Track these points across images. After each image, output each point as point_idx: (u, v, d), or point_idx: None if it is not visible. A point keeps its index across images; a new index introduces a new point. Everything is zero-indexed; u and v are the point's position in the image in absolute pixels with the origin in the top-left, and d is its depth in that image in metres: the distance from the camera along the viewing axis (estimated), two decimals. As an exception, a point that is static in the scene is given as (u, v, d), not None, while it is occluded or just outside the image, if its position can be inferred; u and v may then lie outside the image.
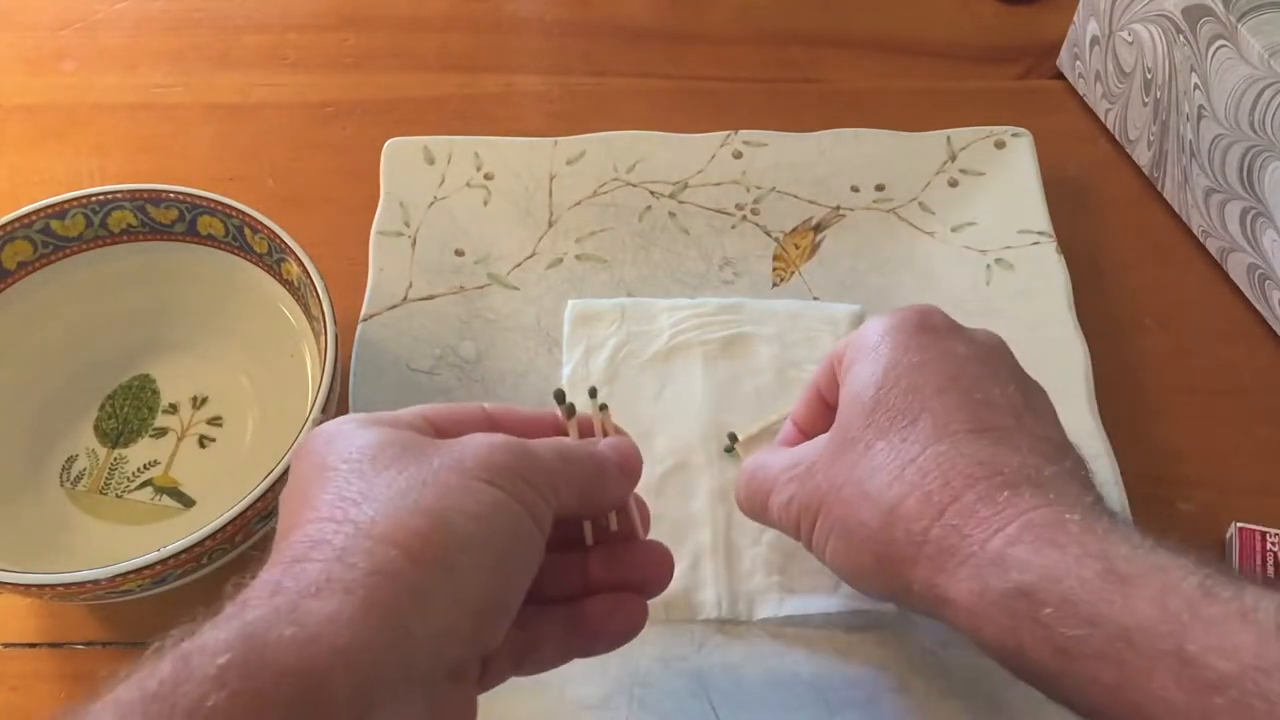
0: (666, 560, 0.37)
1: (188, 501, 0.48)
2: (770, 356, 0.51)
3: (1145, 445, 0.50)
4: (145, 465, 0.49)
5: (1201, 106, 0.54)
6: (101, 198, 0.49)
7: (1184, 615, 0.28)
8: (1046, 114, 0.62)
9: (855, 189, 0.57)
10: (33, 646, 0.45)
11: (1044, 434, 0.36)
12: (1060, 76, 0.65)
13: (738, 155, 0.57)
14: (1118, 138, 0.62)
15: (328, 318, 0.45)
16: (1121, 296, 0.56)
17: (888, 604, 0.44)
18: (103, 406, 0.50)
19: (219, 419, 0.50)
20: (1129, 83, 0.59)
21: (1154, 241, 0.58)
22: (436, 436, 0.33)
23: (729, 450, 0.48)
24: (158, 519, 0.47)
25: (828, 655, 0.44)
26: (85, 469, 0.48)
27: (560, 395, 0.37)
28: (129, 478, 0.48)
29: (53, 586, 0.39)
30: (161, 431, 0.50)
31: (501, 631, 0.30)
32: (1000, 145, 0.57)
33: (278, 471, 0.41)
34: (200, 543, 0.40)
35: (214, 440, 0.49)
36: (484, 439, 0.32)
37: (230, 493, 0.42)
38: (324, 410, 0.43)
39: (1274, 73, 0.48)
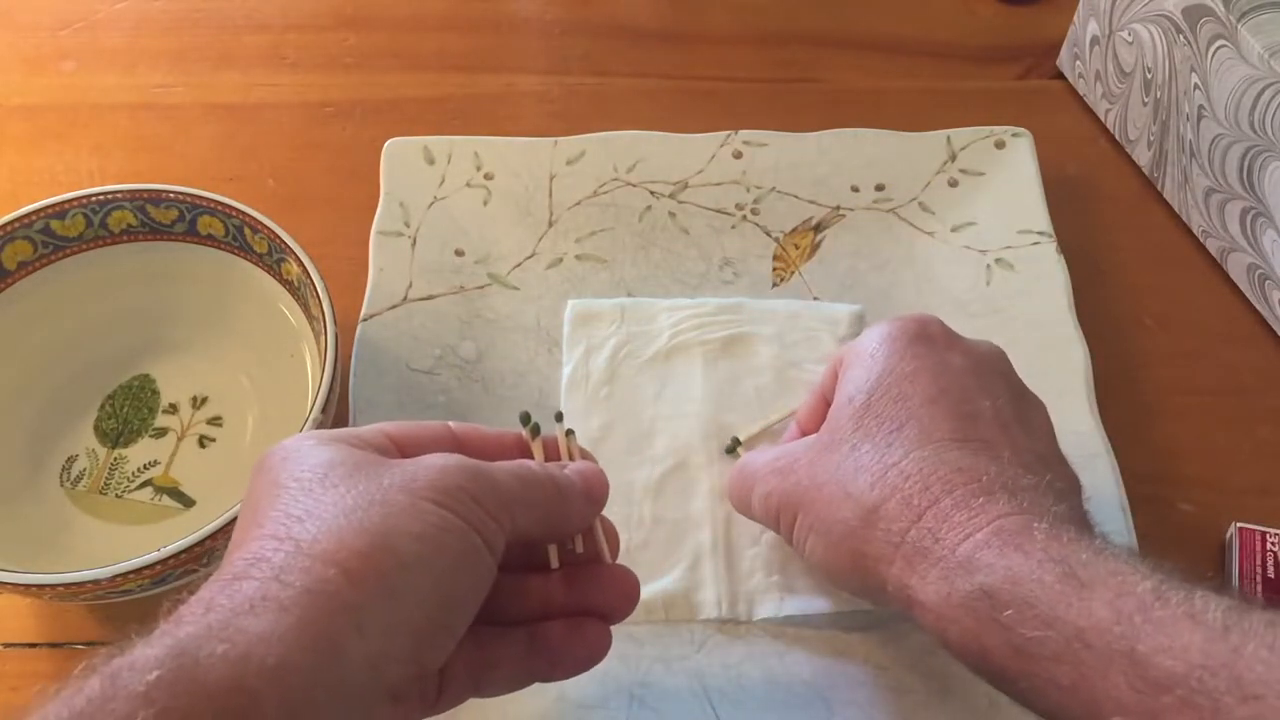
0: (632, 587, 0.36)
1: (188, 501, 0.48)
2: (770, 356, 0.51)
3: (1145, 445, 0.50)
4: (145, 465, 0.49)
5: (1201, 106, 0.54)
6: (101, 198, 0.49)
7: (1136, 617, 0.29)
8: (1046, 114, 0.62)
9: (855, 189, 0.57)
10: (33, 646, 0.45)
11: (1028, 446, 0.37)
12: (1060, 76, 0.65)
13: (738, 155, 0.57)
14: (1118, 138, 0.62)
15: (328, 318, 0.45)
16: (1121, 296, 0.56)
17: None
18: (103, 406, 0.50)
19: (219, 419, 0.50)
20: (1129, 83, 0.59)
21: (1154, 241, 0.58)
22: (399, 454, 0.33)
23: (730, 451, 0.48)
24: (158, 519, 0.47)
25: (828, 655, 0.44)
26: (85, 469, 0.48)
27: (525, 417, 0.37)
28: (129, 478, 0.48)
29: (53, 586, 0.39)
30: (161, 431, 0.50)
31: (444, 653, 0.30)
32: (1000, 145, 0.57)
33: (278, 471, 0.41)
34: (200, 543, 0.40)
35: (214, 440, 0.49)
36: (438, 459, 0.31)
37: (230, 493, 0.42)
38: (324, 410, 0.43)
39: (1274, 73, 0.48)
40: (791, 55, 0.67)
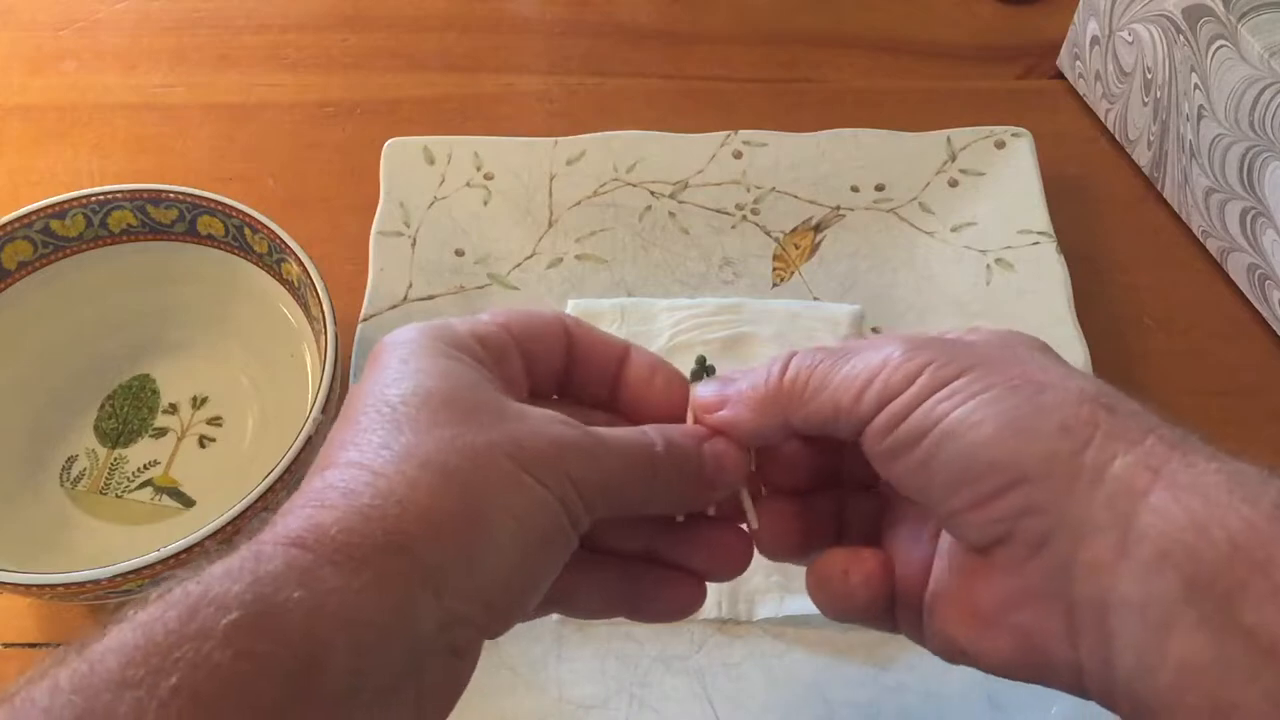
0: (741, 554, 0.34)
1: (188, 501, 0.48)
2: (770, 357, 0.51)
3: (1145, 445, 0.50)
4: (145, 465, 0.49)
5: (1201, 106, 0.53)
6: (101, 198, 0.49)
7: None
8: (1046, 114, 0.62)
9: (855, 189, 0.57)
10: (33, 646, 0.45)
11: None
12: (1060, 76, 0.65)
13: (738, 155, 0.57)
14: (1118, 138, 0.62)
15: (328, 318, 0.45)
16: (1121, 296, 0.56)
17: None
18: (103, 406, 0.50)
19: (219, 419, 0.50)
20: (1129, 83, 0.59)
21: (1154, 241, 0.58)
22: (515, 346, 0.32)
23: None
24: (158, 519, 0.47)
25: (828, 655, 0.44)
26: (85, 469, 0.48)
27: (701, 361, 0.35)
28: (129, 478, 0.48)
29: (53, 586, 0.39)
30: (161, 431, 0.50)
31: (512, 624, 0.29)
32: (1000, 145, 0.57)
33: (278, 471, 0.41)
34: (200, 543, 0.40)
35: (214, 440, 0.49)
36: (552, 427, 0.30)
37: (230, 493, 0.42)
38: (324, 410, 0.43)
39: (1274, 73, 0.48)
40: (791, 55, 0.67)
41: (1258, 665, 0.24)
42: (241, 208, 0.49)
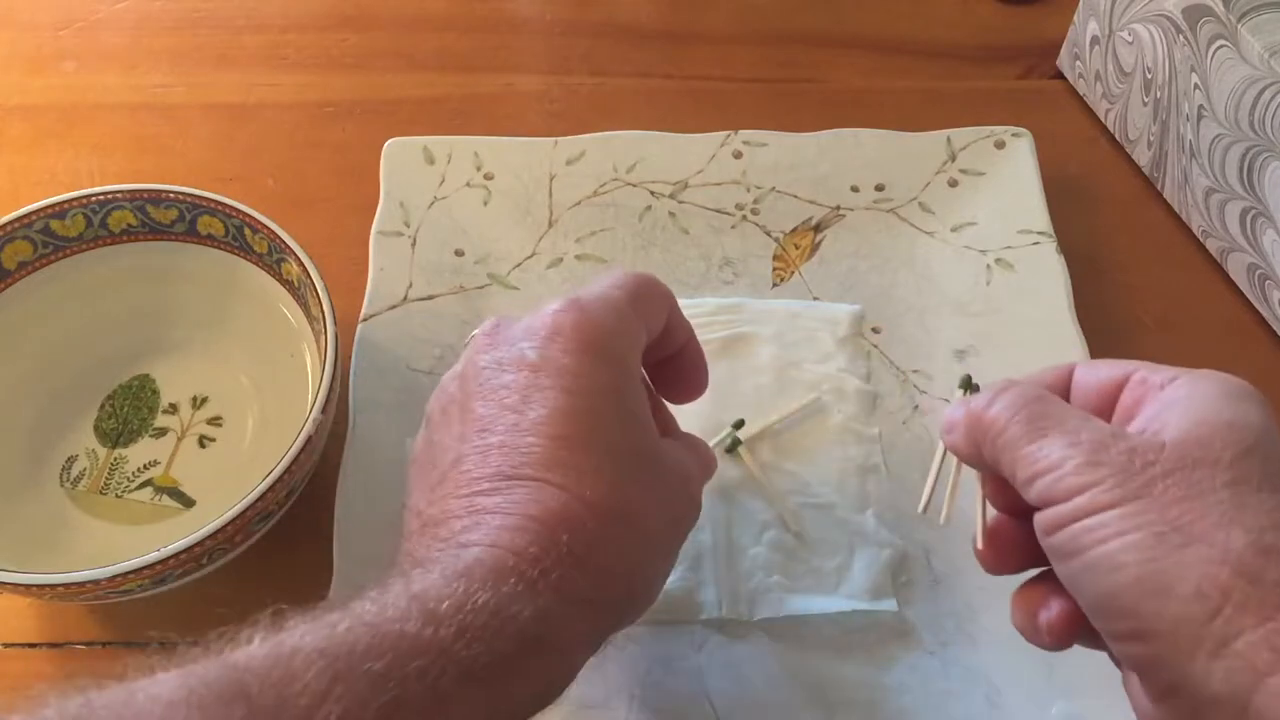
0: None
1: (188, 501, 0.48)
2: (770, 356, 0.51)
3: (1145, 445, 0.50)
4: (145, 465, 0.49)
5: (1201, 106, 0.54)
6: (101, 198, 0.49)
7: None
8: (1046, 114, 0.62)
9: (855, 189, 0.57)
10: (33, 646, 0.45)
11: None
12: (1060, 76, 0.65)
13: (738, 155, 0.57)
14: (1118, 138, 0.62)
15: (328, 318, 0.45)
16: (1121, 296, 0.56)
17: (888, 604, 0.44)
18: (103, 406, 0.50)
19: (219, 419, 0.50)
20: (1129, 83, 0.59)
21: (1154, 241, 0.58)
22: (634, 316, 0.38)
23: (730, 451, 0.48)
24: (158, 519, 0.47)
25: (828, 655, 0.44)
26: (85, 469, 0.48)
27: (966, 380, 0.40)
28: (129, 478, 0.48)
29: (53, 586, 0.39)
30: (161, 431, 0.50)
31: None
32: (1000, 145, 0.57)
33: (278, 471, 0.41)
34: (200, 543, 0.40)
35: (214, 440, 0.49)
36: (694, 453, 0.40)
37: (230, 493, 0.42)
38: (324, 410, 0.43)
39: (1274, 73, 0.48)
40: (791, 55, 0.67)
41: None
42: (241, 208, 0.49)
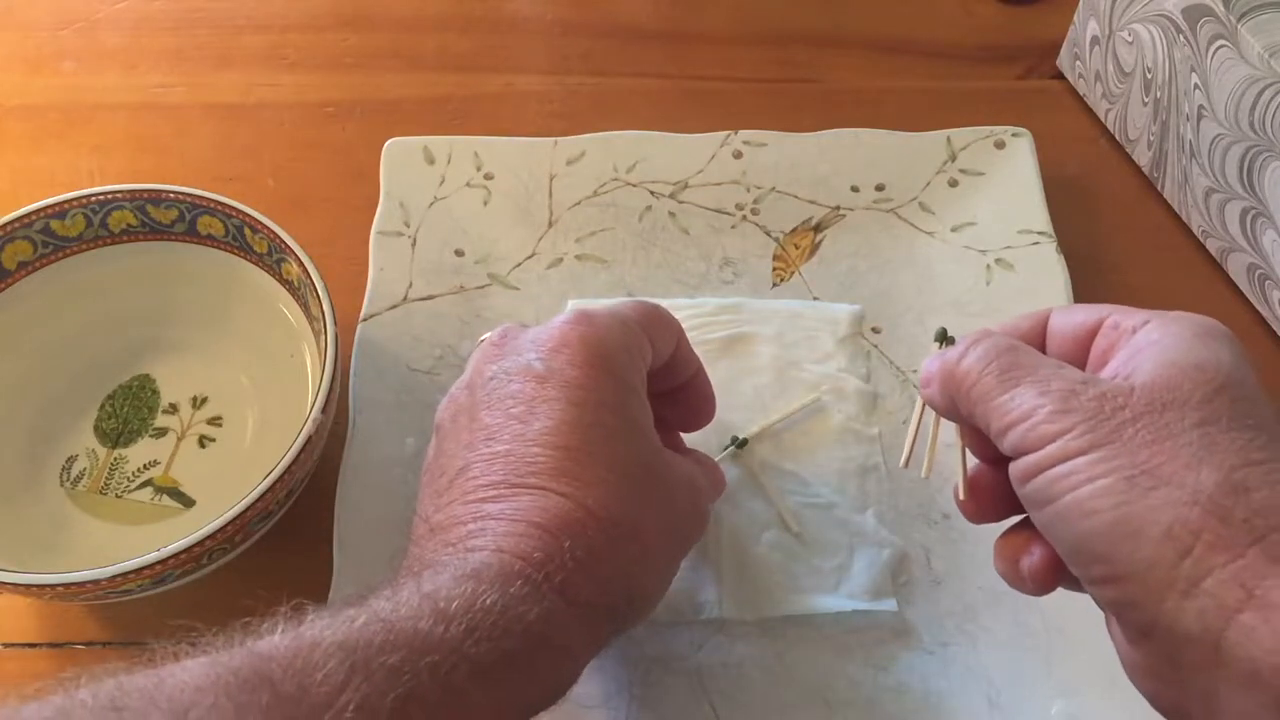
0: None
1: (188, 501, 0.48)
2: (770, 356, 0.51)
3: (1145, 445, 0.50)
4: (145, 465, 0.49)
5: (1201, 106, 0.54)
6: (101, 198, 0.49)
7: None
8: (1046, 114, 0.62)
9: (855, 189, 0.57)
10: (33, 646, 0.45)
11: None
12: (1060, 76, 0.65)
13: (738, 155, 0.57)
14: (1118, 138, 0.62)
15: (328, 318, 0.45)
16: (1121, 296, 0.55)
17: (888, 604, 0.44)
18: (103, 406, 0.50)
19: (219, 419, 0.50)
20: (1129, 83, 0.59)
21: (1154, 241, 0.58)
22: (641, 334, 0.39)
23: (737, 445, 0.48)
24: (158, 519, 0.47)
25: (828, 655, 0.44)
26: (85, 469, 0.48)
27: (941, 333, 0.39)
28: (129, 478, 0.48)
29: (53, 586, 0.39)
30: (161, 431, 0.50)
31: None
32: (1000, 145, 0.57)
33: (278, 471, 0.41)
34: (200, 543, 0.40)
35: (214, 440, 0.49)
36: (696, 465, 0.41)
37: (230, 493, 0.42)
38: (324, 410, 0.43)
39: (1274, 73, 0.48)
40: (791, 55, 0.67)
41: None
42: (241, 208, 0.49)
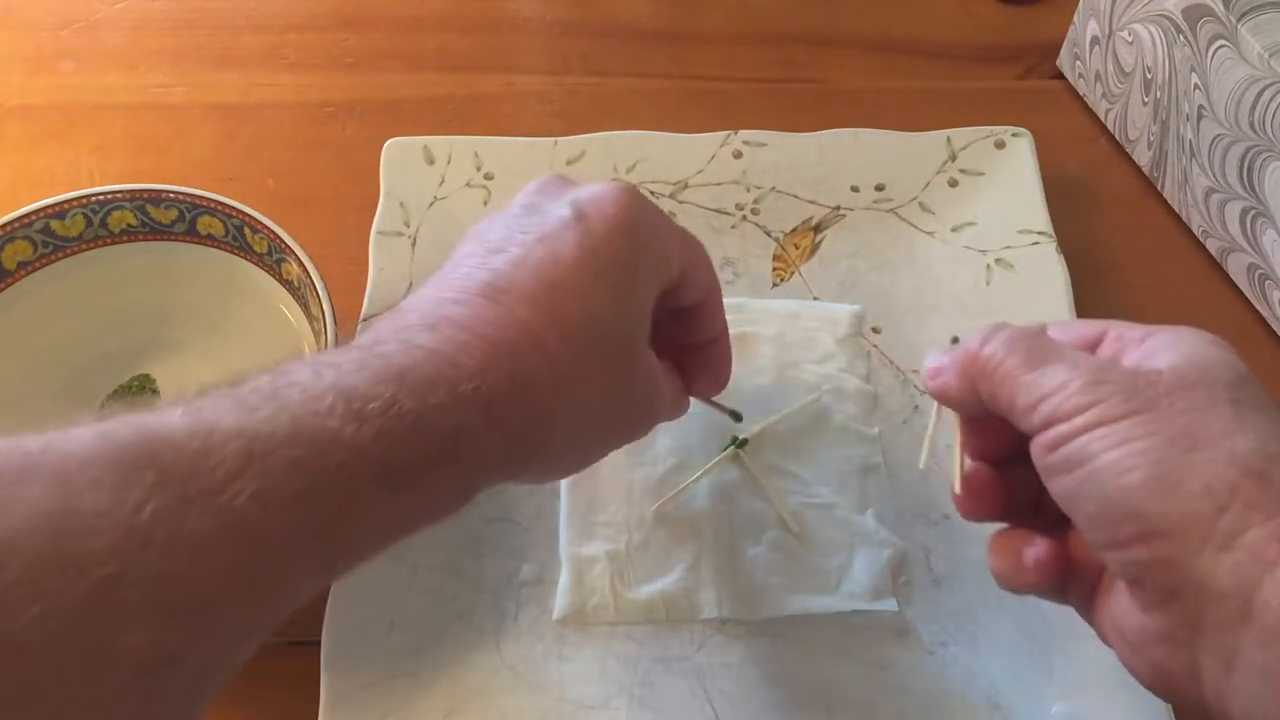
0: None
1: (188, 501, 0.48)
2: (770, 356, 0.51)
3: (1145, 445, 0.50)
4: (145, 465, 0.49)
5: (1201, 106, 0.54)
6: (101, 198, 0.49)
7: None
8: (1046, 114, 0.62)
9: (855, 189, 0.57)
10: (33, 646, 0.45)
11: None
12: (1060, 76, 0.65)
13: (738, 155, 0.57)
14: (1118, 138, 0.62)
15: (328, 318, 0.45)
16: (1121, 296, 0.56)
17: (888, 604, 0.44)
18: (103, 406, 0.50)
19: (219, 419, 0.50)
20: (1129, 83, 0.59)
21: (1154, 241, 0.58)
22: (676, 239, 0.39)
23: (738, 445, 0.48)
24: (158, 519, 0.47)
25: (828, 655, 0.44)
26: (85, 469, 0.48)
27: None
28: (129, 478, 0.48)
29: (53, 586, 0.39)
30: (161, 431, 0.50)
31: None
32: (1000, 145, 0.57)
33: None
34: (200, 543, 0.40)
35: (214, 440, 0.49)
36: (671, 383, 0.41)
37: (230, 493, 0.42)
38: (324, 410, 0.43)
39: (1274, 73, 0.48)
40: (791, 55, 0.67)
41: None
42: (241, 208, 0.48)
